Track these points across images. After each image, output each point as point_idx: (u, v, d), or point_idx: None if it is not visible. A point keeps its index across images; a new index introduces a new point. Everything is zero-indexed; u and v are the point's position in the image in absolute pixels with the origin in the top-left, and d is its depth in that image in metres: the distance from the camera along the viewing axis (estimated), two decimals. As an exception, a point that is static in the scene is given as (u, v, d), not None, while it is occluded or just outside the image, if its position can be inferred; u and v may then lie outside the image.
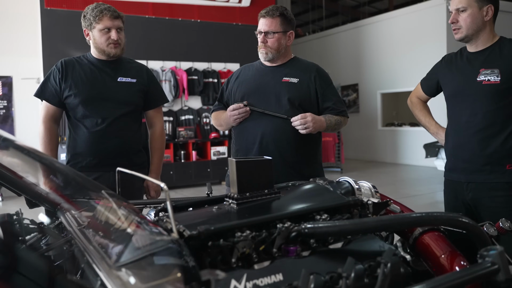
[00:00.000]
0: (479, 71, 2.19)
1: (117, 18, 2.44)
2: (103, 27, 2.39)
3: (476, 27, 2.18)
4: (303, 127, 2.18)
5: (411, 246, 1.29)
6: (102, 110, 2.46)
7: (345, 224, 1.05)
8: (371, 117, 12.27)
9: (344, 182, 1.41)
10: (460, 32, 2.22)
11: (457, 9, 2.19)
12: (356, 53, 12.62)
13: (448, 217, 1.15)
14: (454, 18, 2.22)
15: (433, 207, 6.19)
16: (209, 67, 8.85)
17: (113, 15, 2.41)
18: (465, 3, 2.16)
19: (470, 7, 2.16)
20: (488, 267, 0.92)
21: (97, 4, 2.44)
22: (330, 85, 2.39)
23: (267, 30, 2.30)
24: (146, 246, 0.90)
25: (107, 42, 2.42)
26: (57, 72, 2.46)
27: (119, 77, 2.51)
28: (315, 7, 16.47)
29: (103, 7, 2.42)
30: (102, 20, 2.39)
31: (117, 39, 2.43)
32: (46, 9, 7.66)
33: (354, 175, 9.71)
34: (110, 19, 2.40)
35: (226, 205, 1.25)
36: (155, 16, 8.52)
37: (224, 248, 1.00)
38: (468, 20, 2.17)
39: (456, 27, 2.23)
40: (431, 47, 10.43)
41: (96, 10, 2.39)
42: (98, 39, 2.42)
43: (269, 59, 2.36)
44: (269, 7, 2.37)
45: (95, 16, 2.39)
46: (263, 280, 0.94)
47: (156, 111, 2.69)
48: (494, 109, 2.16)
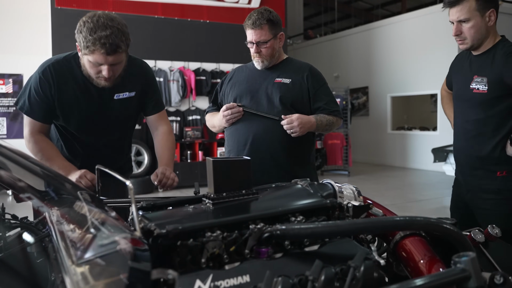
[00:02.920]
0: (472, 78, 2.16)
1: (114, 53, 1.87)
2: (93, 61, 1.89)
3: (481, 36, 2.10)
4: (290, 132, 2.18)
5: (392, 251, 1.27)
6: (97, 131, 2.19)
7: (318, 226, 1.03)
8: (381, 121, 12.19)
9: (326, 184, 1.39)
10: (465, 43, 2.14)
11: (458, 21, 2.10)
12: (366, 55, 12.55)
13: (426, 222, 1.12)
14: (457, 30, 2.12)
15: (439, 212, 6.12)
16: (217, 67, 8.87)
17: (108, 51, 1.84)
18: (467, 14, 2.06)
19: (473, 17, 2.06)
20: (458, 273, 0.89)
21: (94, 26, 1.83)
22: (323, 85, 2.37)
23: (258, 40, 2.27)
24: (108, 244, 0.89)
25: (97, 75, 1.96)
26: (47, 84, 2.00)
27: (116, 94, 2.12)
28: (327, 10, 16.43)
29: (99, 35, 1.81)
30: (94, 54, 1.85)
31: (109, 76, 1.94)
32: (57, 8, 7.76)
33: (362, 178, 9.65)
34: (103, 55, 1.85)
35: (203, 204, 1.24)
36: (164, 16, 8.57)
37: (193, 248, 0.99)
38: (473, 31, 2.08)
39: (461, 39, 2.14)
40: (442, 50, 10.32)
41: (90, 38, 1.82)
42: (88, 68, 1.96)
43: (265, 66, 2.35)
44: (254, 15, 2.27)
45: (86, 45, 1.84)
46: (229, 281, 0.93)
47: (159, 115, 2.34)
48: (483, 118, 2.13)
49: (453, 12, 2.11)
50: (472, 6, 2.05)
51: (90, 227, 0.97)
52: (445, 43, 10.29)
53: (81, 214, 1.09)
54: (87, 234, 0.97)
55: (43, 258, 1.30)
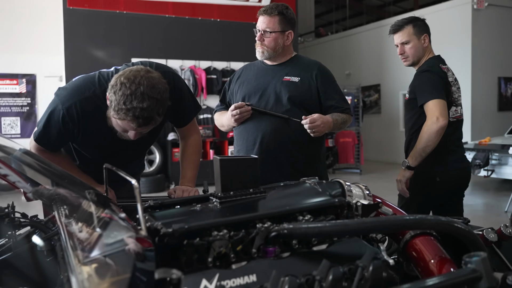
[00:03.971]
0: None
1: (146, 125, 1.64)
2: (122, 126, 1.67)
3: (419, 54, 2.65)
4: (311, 131, 2.15)
5: (402, 250, 1.25)
6: (115, 156, 1.98)
7: (325, 225, 1.02)
8: (393, 118, 12.08)
9: (335, 183, 1.37)
10: (408, 61, 2.69)
11: (401, 43, 2.64)
12: (378, 53, 12.44)
13: (436, 221, 1.10)
14: (401, 50, 2.66)
15: (452, 211, 6.03)
16: (228, 66, 8.88)
17: (140, 124, 1.61)
18: (407, 37, 2.62)
19: (412, 40, 2.62)
20: (469, 274, 0.87)
21: (132, 94, 1.54)
22: (332, 83, 2.34)
23: (265, 28, 2.27)
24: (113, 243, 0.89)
25: (123, 135, 1.77)
26: (70, 122, 1.79)
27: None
28: (339, 7, 16.32)
29: (134, 106, 1.55)
30: (123, 121, 1.62)
31: (135, 138, 1.74)
32: (69, 8, 7.82)
33: (374, 176, 9.58)
34: (133, 127, 1.64)
35: (210, 203, 1.23)
36: (175, 16, 8.59)
37: (199, 247, 0.98)
38: (412, 50, 2.63)
39: (404, 57, 2.69)
40: (455, 47, 10.19)
41: (123, 107, 1.56)
42: (115, 126, 1.73)
43: (265, 57, 2.33)
44: (270, 4, 2.32)
45: (117, 111, 1.58)
46: (235, 280, 0.92)
47: (192, 123, 2.16)
48: (407, 119, 2.71)
49: (396, 37, 2.67)
50: (411, 31, 2.61)
51: (96, 226, 0.97)
52: (457, 39, 10.17)
53: (89, 213, 1.10)
54: (93, 233, 0.97)
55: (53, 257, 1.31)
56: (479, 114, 10.13)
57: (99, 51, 8.10)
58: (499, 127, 10.06)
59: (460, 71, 10.10)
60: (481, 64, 10.10)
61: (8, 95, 8.26)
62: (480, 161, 7.21)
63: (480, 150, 7.38)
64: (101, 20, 8.03)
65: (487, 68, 10.22)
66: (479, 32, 10.05)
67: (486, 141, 7.79)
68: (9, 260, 1.28)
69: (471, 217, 4.63)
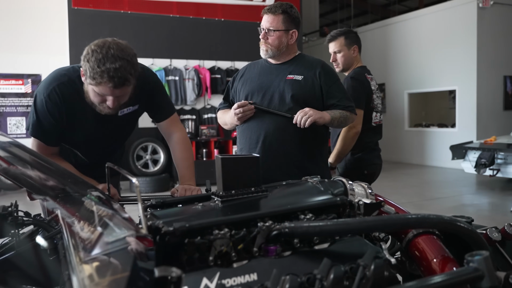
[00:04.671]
0: None
1: (122, 86, 1.76)
2: (99, 92, 1.79)
3: (348, 62, 3.03)
4: (305, 119, 2.09)
5: (404, 249, 1.25)
6: (98, 144, 2.14)
7: (326, 224, 1.02)
8: (398, 118, 12.04)
9: (337, 181, 1.37)
10: (339, 67, 3.04)
11: (334, 52, 3.00)
12: (383, 52, 12.40)
13: (439, 219, 1.09)
14: (333, 58, 3.03)
15: (458, 211, 6.02)
16: (232, 65, 8.88)
17: (116, 84, 1.73)
18: (339, 47, 2.99)
19: (343, 50, 2.99)
20: (470, 273, 0.87)
21: (103, 57, 1.70)
22: (335, 82, 2.33)
23: (269, 27, 2.27)
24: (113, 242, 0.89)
25: (101, 105, 1.87)
26: (55, 107, 1.91)
27: (120, 111, 2.00)
28: (343, 6, 16.28)
29: (108, 68, 1.69)
30: (100, 86, 1.74)
31: (113, 107, 1.84)
32: (74, 8, 7.85)
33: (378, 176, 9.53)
34: (110, 88, 1.74)
35: (212, 202, 1.23)
36: (179, 15, 8.60)
37: (200, 246, 0.98)
38: (343, 59, 3.00)
39: (336, 64, 3.03)
40: (461, 46, 10.16)
41: (98, 70, 1.69)
42: (92, 97, 1.86)
43: (269, 56, 2.33)
44: (274, 3, 2.32)
45: (93, 76, 1.71)
46: (236, 279, 0.92)
47: (171, 120, 2.22)
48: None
49: (331, 46, 3.01)
50: (342, 42, 2.98)
51: (97, 225, 0.98)
52: (463, 38, 10.13)
53: (90, 212, 1.10)
54: (94, 232, 0.98)
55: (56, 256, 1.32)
56: (484, 113, 10.08)
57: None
58: (505, 126, 10.01)
59: (465, 70, 10.11)
60: (487, 63, 10.05)
61: (14, 95, 8.30)
62: (485, 160, 7.18)
63: (485, 149, 7.34)
64: (105, 20, 8.05)
65: (493, 67, 10.16)
66: (484, 31, 9.99)
67: (492, 140, 7.75)
68: (12, 259, 1.29)
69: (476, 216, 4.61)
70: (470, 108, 10.11)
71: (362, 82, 2.92)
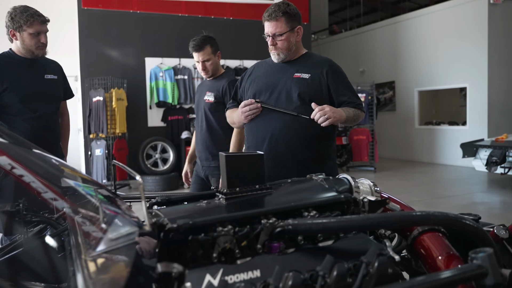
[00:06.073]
0: None
1: (45, 22, 2.67)
2: (34, 32, 2.61)
3: (215, 68, 3.13)
4: (324, 119, 2.08)
5: (409, 247, 1.24)
6: (38, 106, 2.72)
7: (330, 221, 1.02)
8: (408, 116, 11.96)
9: (342, 179, 1.37)
10: (208, 74, 3.14)
11: (203, 61, 3.07)
12: (393, 49, 12.33)
13: (444, 217, 1.09)
14: (203, 67, 3.09)
15: (469, 209, 5.97)
16: (241, 64, 8.88)
17: (42, 20, 2.64)
18: (207, 56, 3.05)
19: (211, 58, 3.06)
20: (474, 270, 0.86)
21: (25, 8, 2.60)
22: (343, 80, 2.32)
23: (274, 32, 2.25)
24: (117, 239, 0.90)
25: (36, 45, 2.66)
26: None
27: (46, 75, 2.82)
28: (353, 4, 16.20)
29: (33, 11, 2.60)
30: (33, 25, 2.60)
31: (45, 43, 2.69)
32: (83, 9, 7.90)
33: (388, 174, 9.51)
34: (40, 24, 2.63)
35: (216, 199, 1.24)
36: (188, 15, 8.63)
37: (204, 243, 0.99)
38: (211, 66, 3.09)
39: (205, 73, 3.12)
40: (471, 43, 10.06)
41: (27, 14, 2.57)
42: (28, 42, 2.64)
43: (281, 59, 2.32)
44: (271, 8, 2.28)
45: (26, 20, 2.57)
46: (239, 275, 0.93)
47: (65, 103, 3.10)
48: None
49: (198, 56, 3.07)
50: (209, 50, 3.07)
51: (102, 222, 0.99)
52: (474, 35, 10.02)
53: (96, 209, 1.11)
54: (99, 228, 0.99)
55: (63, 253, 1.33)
56: (496, 111, 9.96)
57: (113, 50, 8.17)
58: (517, 123, 9.91)
59: (476, 67, 10.01)
60: (498, 60, 9.93)
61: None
62: (496, 158, 7.10)
63: (496, 147, 7.26)
64: (115, 20, 8.10)
65: (504, 64, 10.04)
66: (495, 28, 9.87)
67: (503, 138, 7.66)
68: (20, 256, 1.31)
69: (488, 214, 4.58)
70: (481, 105, 10.01)
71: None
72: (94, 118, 7.52)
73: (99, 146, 7.58)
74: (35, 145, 1.25)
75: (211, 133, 3.16)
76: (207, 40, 3.10)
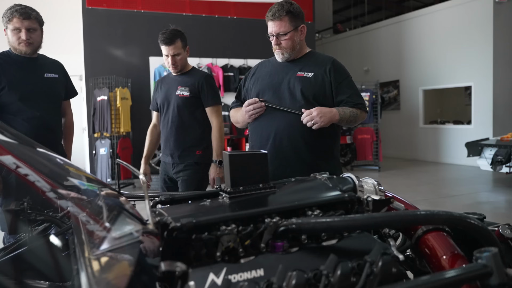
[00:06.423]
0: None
1: (27, 19, 2.62)
2: (13, 28, 2.62)
3: (184, 63, 3.13)
4: (311, 124, 2.12)
5: (414, 246, 1.24)
6: (38, 105, 2.70)
7: (333, 220, 1.01)
8: (412, 115, 11.93)
9: (346, 178, 1.36)
10: (177, 69, 3.12)
11: (173, 55, 3.02)
12: (397, 48, 12.29)
13: (448, 216, 1.08)
14: (173, 61, 3.05)
15: (473, 208, 5.95)
16: (245, 63, 8.89)
17: (22, 16, 2.59)
18: (178, 50, 3.03)
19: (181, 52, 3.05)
20: (479, 269, 0.86)
21: (15, 5, 2.62)
22: (346, 78, 2.31)
23: (278, 32, 2.25)
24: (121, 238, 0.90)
25: (18, 42, 2.64)
26: None
27: (45, 73, 2.80)
28: (357, 3, 16.16)
29: (16, 8, 2.60)
30: (12, 21, 2.60)
31: (26, 39, 2.63)
32: (88, 8, 7.93)
33: (393, 173, 9.48)
34: (19, 20, 2.60)
35: (220, 198, 1.24)
36: (192, 14, 8.64)
37: (207, 242, 0.99)
38: (181, 61, 3.08)
39: (174, 67, 3.10)
40: (477, 41, 10.01)
41: (9, 11, 2.60)
42: (11, 38, 2.65)
43: (286, 59, 2.32)
44: (274, 7, 2.27)
45: (7, 17, 2.60)
46: (242, 275, 0.93)
47: (68, 102, 3.08)
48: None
49: (169, 49, 3.02)
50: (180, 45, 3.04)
51: (106, 221, 0.99)
52: (479, 33, 9.98)
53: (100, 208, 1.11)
54: (103, 227, 0.99)
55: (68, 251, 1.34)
56: (501, 110, 9.92)
57: (118, 50, 8.19)
58: (522, 122, 9.86)
59: (481, 66, 9.96)
60: (503, 59, 9.88)
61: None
62: (501, 157, 7.07)
63: (502, 146, 7.23)
64: (119, 19, 8.12)
65: (510, 62, 9.99)
66: (501, 26, 9.83)
67: (509, 137, 7.62)
68: (24, 254, 1.31)
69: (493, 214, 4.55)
70: (487, 104, 9.96)
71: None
72: (98, 117, 7.54)
73: (103, 145, 7.60)
74: (40, 144, 1.25)
75: (185, 129, 3.08)
76: (178, 34, 3.04)
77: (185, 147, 3.08)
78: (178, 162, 3.10)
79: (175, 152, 3.10)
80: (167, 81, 3.23)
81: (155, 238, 0.88)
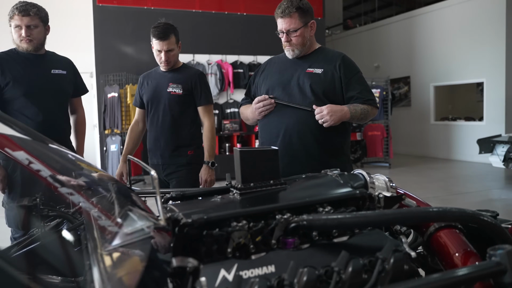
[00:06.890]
0: None
1: (27, 15, 2.61)
2: (15, 25, 2.63)
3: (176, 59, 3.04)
4: (321, 122, 2.13)
5: (426, 243, 1.23)
6: (43, 101, 2.71)
7: (345, 217, 1.01)
8: (423, 111, 11.84)
9: (357, 174, 1.36)
10: (170, 65, 2.98)
11: (166, 50, 2.89)
12: (408, 44, 12.19)
13: (461, 213, 1.07)
14: (166, 57, 2.91)
15: (485, 205, 5.87)
16: (255, 60, 8.87)
17: (21, 13, 2.60)
18: (172, 45, 2.92)
19: (175, 48, 2.94)
20: (492, 267, 0.85)
21: (18, 2, 2.64)
22: (356, 74, 2.29)
23: (288, 28, 2.24)
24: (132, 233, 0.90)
25: (19, 39, 2.65)
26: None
27: (52, 70, 2.80)
28: (368, -1, 16.06)
29: (18, 5, 2.61)
30: (13, 18, 2.62)
31: (26, 36, 2.64)
32: (98, 5, 7.96)
33: (403, 170, 9.42)
34: (19, 17, 2.60)
35: (231, 195, 1.24)
36: (201, 10, 8.65)
37: (218, 238, 0.99)
38: (174, 57, 2.97)
39: (166, 63, 2.95)
40: (489, 37, 9.89)
41: (12, 8, 2.62)
42: (13, 35, 2.67)
43: (296, 55, 2.31)
44: (284, 3, 2.25)
45: (9, 15, 2.62)
46: (253, 271, 0.92)
47: (79, 99, 3.07)
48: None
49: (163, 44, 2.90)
50: (173, 40, 2.93)
51: (118, 216, 0.99)
52: (491, 29, 9.85)
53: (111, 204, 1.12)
54: (114, 223, 0.99)
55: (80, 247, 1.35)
56: (514, 106, 9.81)
57: (128, 47, 8.22)
58: (535, 119, 9.73)
59: (493, 62, 9.84)
60: (516, 54, 9.77)
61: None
62: (514, 154, 6.99)
63: (514, 143, 7.15)
64: (129, 16, 8.15)
65: (523, 58, 9.87)
66: (514, 21, 9.70)
67: (521, 133, 7.54)
68: (37, 250, 1.32)
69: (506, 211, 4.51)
70: (499, 100, 9.85)
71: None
72: (109, 114, 7.58)
73: (114, 141, 7.65)
74: (51, 140, 1.26)
75: (177, 127, 2.95)
76: (172, 29, 2.91)
77: (176, 146, 2.95)
78: (169, 162, 2.96)
79: (165, 152, 2.96)
80: (154, 77, 3.05)
81: (166, 234, 0.88)
